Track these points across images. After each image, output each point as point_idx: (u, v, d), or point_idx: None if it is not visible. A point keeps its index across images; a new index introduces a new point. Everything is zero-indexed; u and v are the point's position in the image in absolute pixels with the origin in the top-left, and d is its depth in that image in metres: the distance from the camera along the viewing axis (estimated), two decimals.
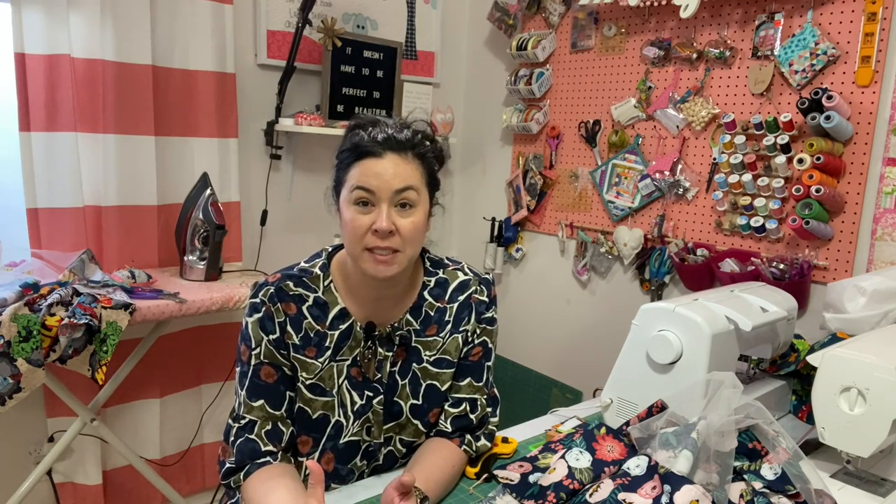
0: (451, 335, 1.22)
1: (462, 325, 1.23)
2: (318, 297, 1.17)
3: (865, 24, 1.74)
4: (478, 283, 1.26)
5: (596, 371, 2.43)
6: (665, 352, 1.32)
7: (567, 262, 2.59)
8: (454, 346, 1.23)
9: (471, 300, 1.24)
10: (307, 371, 1.15)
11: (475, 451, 1.24)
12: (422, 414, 1.21)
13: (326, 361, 1.16)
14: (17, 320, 1.56)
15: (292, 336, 1.15)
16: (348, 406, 1.17)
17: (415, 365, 1.21)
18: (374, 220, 1.09)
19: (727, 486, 1.02)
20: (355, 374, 1.18)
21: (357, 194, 1.10)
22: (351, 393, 1.17)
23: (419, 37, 2.78)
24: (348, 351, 1.18)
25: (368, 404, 1.18)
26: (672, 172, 2.18)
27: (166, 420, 2.26)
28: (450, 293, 1.24)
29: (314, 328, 1.16)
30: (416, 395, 1.20)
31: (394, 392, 1.20)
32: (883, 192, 1.74)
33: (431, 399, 1.21)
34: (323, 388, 1.16)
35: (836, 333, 1.56)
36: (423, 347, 1.21)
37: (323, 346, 1.16)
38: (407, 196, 1.11)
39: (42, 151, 1.93)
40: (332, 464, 1.19)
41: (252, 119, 2.40)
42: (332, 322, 1.17)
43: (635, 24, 2.28)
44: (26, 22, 1.86)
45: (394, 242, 1.10)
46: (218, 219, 2.06)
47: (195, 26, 2.16)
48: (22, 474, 1.93)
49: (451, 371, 1.23)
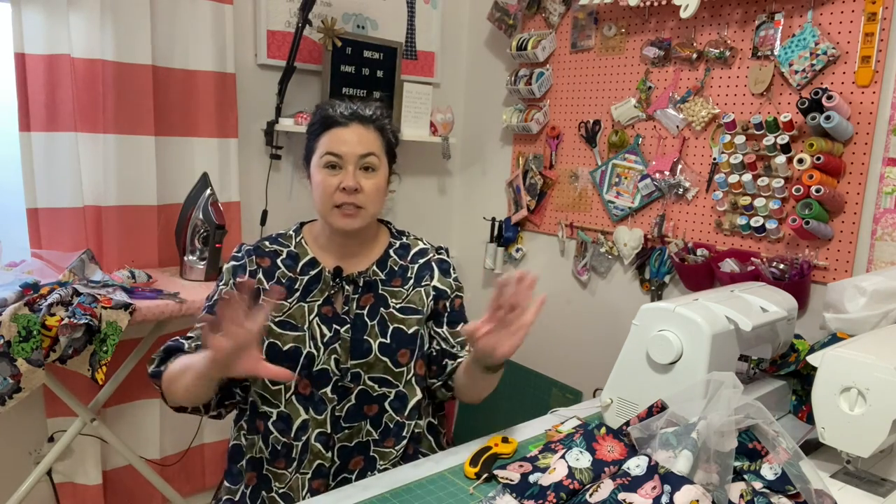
0: (413, 288, 1.39)
1: (424, 281, 1.40)
2: (291, 250, 1.37)
3: (865, 24, 1.74)
4: (435, 249, 1.46)
5: (596, 371, 2.43)
6: (665, 352, 1.32)
7: (567, 262, 2.59)
8: (418, 297, 1.39)
9: (431, 261, 1.43)
10: (275, 311, 1.31)
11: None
12: (390, 352, 1.33)
13: (296, 301, 1.32)
14: (17, 320, 1.56)
15: (262, 283, 1.33)
16: (318, 338, 1.30)
17: (382, 309, 1.35)
18: (342, 181, 1.29)
19: (727, 486, 1.02)
20: (326, 311, 1.33)
21: (327, 159, 1.31)
22: (321, 327, 1.31)
23: (419, 37, 2.78)
24: (319, 293, 1.34)
25: (336, 335, 1.31)
26: (672, 172, 2.18)
27: (166, 420, 2.26)
28: (411, 255, 1.43)
29: (286, 276, 1.34)
30: (384, 334, 1.33)
31: (363, 331, 1.32)
32: (883, 192, 1.74)
33: (399, 340, 1.34)
34: (294, 324, 1.31)
35: (836, 333, 1.56)
36: (389, 296, 1.37)
37: (293, 288, 1.33)
38: (369, 161, 1.31)
39: (42, 151, 1.93)
40: (310, 388, 1.30)
41: (252, 119, 2.39)
42: (303, 268, 1.35)
43: (635, 24, 2.28)
44: (26, 22, 1.86)
45: (358, 199, 1.29)
46: (218, 219, 2.06)
47: (195, 26, 2.16)
48: (22, 474, 1.93)
49: (417, 318, 1.37)
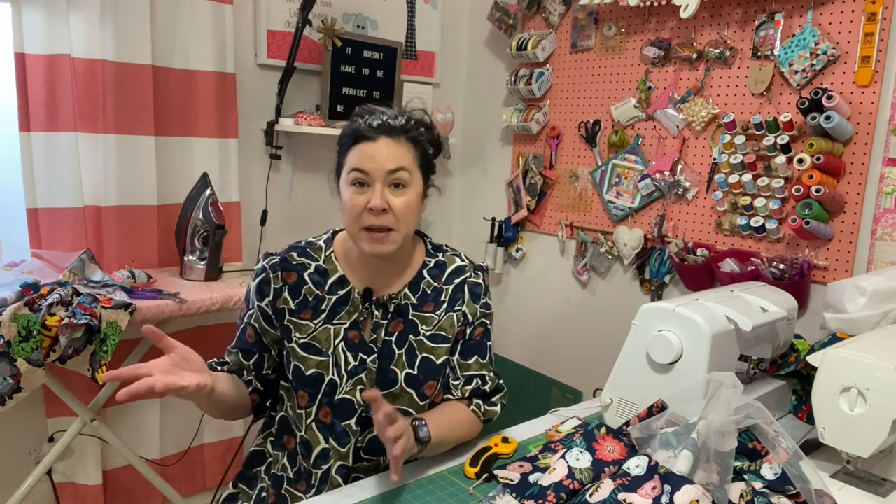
0: (446, 314, 1.30)
1: (457, 305, 1.31)
2: (320, 265, 1.28)
3: (865, 24, 1.74)
4: (472, 269, 1.35)
5: (596, 371, 2.43)
6: (665, 352, 1.32)
7: (567, 262, 2.59)
8: (449, 323, 1.29)
9: (465, 283, 1.33)
10: (300, 332, 1.24)
11: (483, 413, 1.32)
12: (417, 384, 1.25)
13: (321, 323, 1.25)
14: (17, 320, 1.56)
15: (288, 302, 1.25)
16: (342, 366, 1.23)
17: (411, 337, 1.27)
18: (370, 199, 1.18)
19: (727, 486, 1.02)
20: (352, 336, 1.25)
21: (353, 175, 1.20)
22: (346, 353, 1.24)
23: (419, 37, 2.78)
24: (346, 315, 1.26)
25: (362, 365, 1.24)
26: (672, 172, 2.18)
27: (166, 420, 2.26)
28: (447, 275, 1.33)
29: (314, 293, 1.26)
30: (411, 365, 1.25)
31: (389, 360, 1.25)
32: (883, 192, 1.74)
33: (426, 371, 1.26)
34: (318, 347, 1.24)
35: (836, 333, 1.56)
36: (420, 322, 1.28)
37: (319, 308, 1.25)
38: (399, 176, 1.20)
39: (42, 151, 1.93)
40: (330, 417, 1.24)
41: (252, 119, 2.39)
42: (331, 287, 1.27)
43: (635, 24, 2.28)
44: (26, 22, 1.86)
45: (387, 220, 1.19)
46: (218, 219, 2.06)
47: (195, 26, 2.16)
48: (22, 474, 1.93)
49: (447, 346, 1.28)
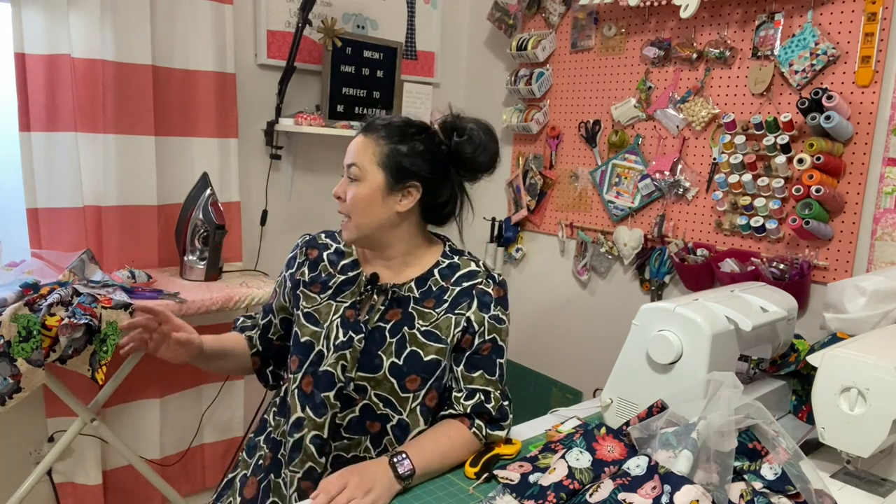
0: (445, 313, 1.29)
1: (459, 308, 1.29)
2: (340, 247, 1.39)
3: (865, 24, 1.74)
4: (486, 276, 1.33)
5: (596, 371, 2.43)
6: (665, 352, 1.32)
7: (567, 262, 2.59)
8: (447, 324, 1.28)
9: (474, 289, 1.30)
10: (307, 301, 1.33)
11: (485, 437, 1.27)
12: (400, 375, 1.25)
13: (326, 298, 1.32)
14: (17, 320, 1.56)
15: (304, 274, 1.36)
16: (331, 339, 1.27)
17: (406, 328, 1.28)
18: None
19: (727, 486, 1.02)
20: (349, 315, 1.29)
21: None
22: (339, 329, 1.28)
23: (419, 37, 2.78)
24: (349, 295, 1.32)
25: (349, 342, 1.26)
26: (672, 172, 2.18)
27: (166, 420, 2.26)
28: (456, 277, 1.32)
29: (327, 270, 1.36)
30: (399, 355, 1.26)
31: (379, 345, 1.26)
32: (883, 192, 1.74)
33: (411, 364, 1.26)
34: (317, 318, 1.30)
35: (836, 333, 1.56)
36: (418, 315, 1.29)
37: (328, 284, 1.34)
38: (352, 171, 1.28)
39: (42, 151, 1.92)
40: (311, 387, 1.26)
41: (252, 119, 2.39)
42: (343, 268, 1.35)
43: (635, 24, 2.28)
44: (26, 22, 1.86)
45: (343, 209, 1.30)
46: (218, 219, 2.06)
47: (195, 26, 2.16)
48: (22, 474, 1.93)
49: (439, 346, 1.26)
